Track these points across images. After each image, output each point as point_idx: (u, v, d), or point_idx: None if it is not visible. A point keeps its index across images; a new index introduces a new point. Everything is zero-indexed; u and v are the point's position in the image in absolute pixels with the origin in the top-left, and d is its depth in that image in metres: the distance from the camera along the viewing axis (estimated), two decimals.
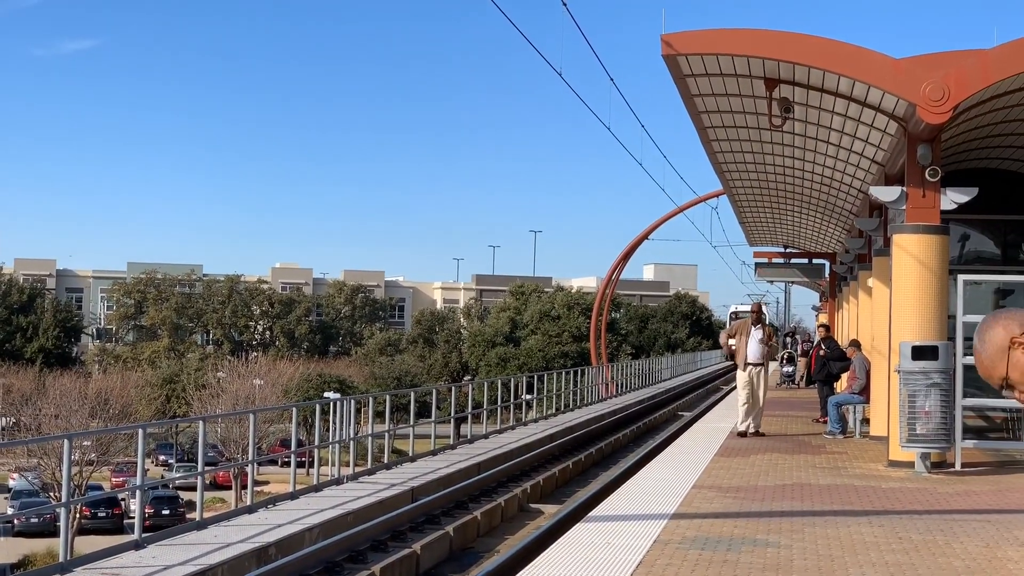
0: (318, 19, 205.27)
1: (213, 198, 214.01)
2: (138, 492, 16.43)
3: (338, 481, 22.20)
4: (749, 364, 23.92)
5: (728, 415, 31.00)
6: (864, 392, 24.94)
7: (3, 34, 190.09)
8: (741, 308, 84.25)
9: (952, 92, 17.32)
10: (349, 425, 24.75)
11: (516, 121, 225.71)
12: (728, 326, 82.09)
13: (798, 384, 43.94)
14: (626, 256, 76.78)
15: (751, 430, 23.97)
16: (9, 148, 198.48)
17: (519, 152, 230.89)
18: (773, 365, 43.38)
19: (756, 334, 23.98)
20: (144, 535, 15.65)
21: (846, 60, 17.98)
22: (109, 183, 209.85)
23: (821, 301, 64.96)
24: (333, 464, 24.32)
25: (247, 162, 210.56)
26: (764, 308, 25.68)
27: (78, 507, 55.72)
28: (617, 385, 58.39)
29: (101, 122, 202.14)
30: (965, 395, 18.83)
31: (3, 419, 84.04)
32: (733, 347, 24.34)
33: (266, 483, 68.84)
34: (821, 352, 28.11)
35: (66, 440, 14.97)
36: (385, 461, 25.19)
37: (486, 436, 32.28)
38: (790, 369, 48.08)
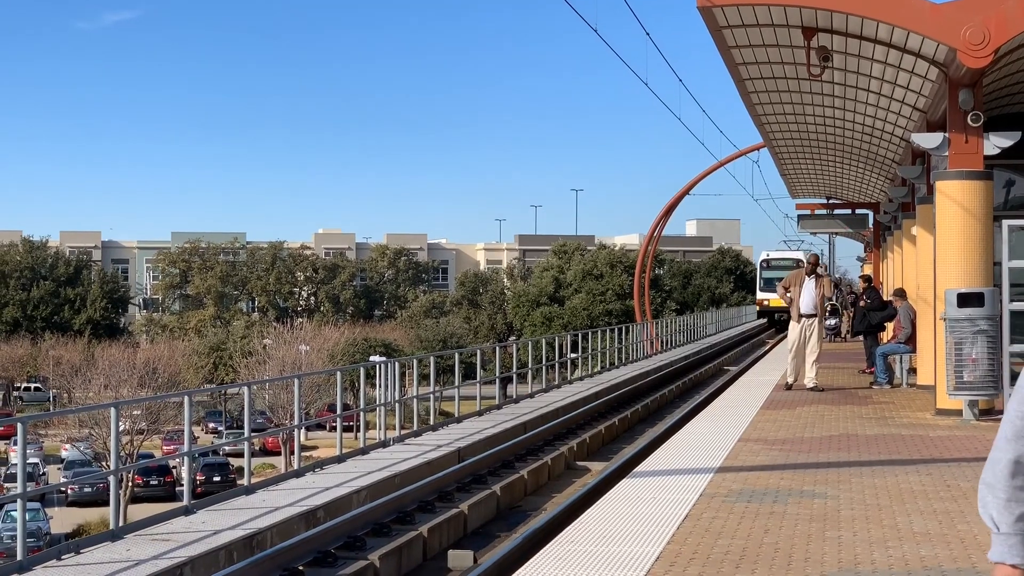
0: None
1: (254, 166, 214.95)
2: (186, 459, 16.54)
3: (384, 444, 22.28)
4: (803, 316, 23.48)
5: (773, 368, 30.91)
6: (910, 341, 24.77)
7: (47, 8, 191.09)
8: (774, 255, 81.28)
9: (993, 35, 17.09)
10: (394, 388, 24.81)
11: (553, 79, 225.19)
12: (759, 273, 79.52)
13: (844, 337, 43.52)
14: (668, 212, 76.53)
15: (808, 384, 23.50)
16: (52, 122, 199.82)
17: (558, 111, 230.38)
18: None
19: (809, 284, 23.49)
20: (194, 501, 15.76)
21: (884, 6, 17.77)
22: (152, 154, 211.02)
23: (866, 251, 64.49)
24: (379, 428, 24.42)
25: (287, 128, 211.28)
26: (816, 259, 25.12)
27: (129, 475, 56.28)
28: (662, 342, 58.29)
29: (142, 94, 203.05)
30: (1012, 342, 18.66)
31: (54, 390, 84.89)
32: (787, 298, 23.90)
33: (314, 448, 69.34)
34: (862, 303, 27.89)
35: (113, 408, 15.05)
36: (431, 423, 25.24)
37: (532, 396, 32.31)
38: (833, 322, 47.73)
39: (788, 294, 23.74)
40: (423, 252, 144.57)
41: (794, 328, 23.64)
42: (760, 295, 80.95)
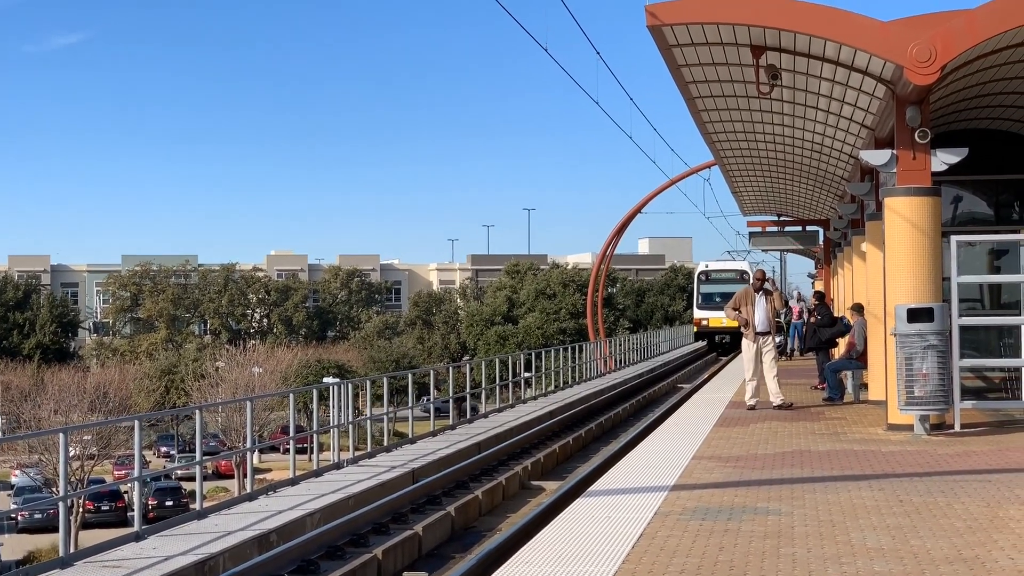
0: (301, 2, 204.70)
1: (206, 188, 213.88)
2: (136, 483, 16.37)
3: (338, 465, 22.17)
4: (757, 334, 23.03)
5: (727, 385, 31.00)
6: (862, 357, 24.88)
7: None
8: (714, 266, 71.92)
9: (939, 52, 17.23)
10: (348, 409, 24.70)
11: (505, 99, 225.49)
12: (696, 288, 70.37)
13: (789, 356, 43.11)
14: (620, 230, 76.69)
15: (776, 401, 22.94)
16: (0, 145, 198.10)
17: (509, 130, 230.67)
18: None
19: (760, 301, 23.06)
20: (145, 526, 15.60)
21: (831, 24, 17.89)
22: (101, 176, 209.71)
23: (817, 268, 64.92)
24: (333, 449, 24.29)
25: (238, 150, 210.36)
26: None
27: (80, 501, 55.69)
28: (615, 360, 58.39)
29: (90, 115, 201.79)
30: (962, 356, 18.80)
31: (2, 417, 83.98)
32: (741, 318, 23.18)
33: (268, 470, 68.90)
34: (812, 319, 27.98)
35: (62, 434, 14.90)
36: (385, 444, 25.16)
37: (486, 415, 32.25)
38: (778, 339, 47.55)
39: (740, 314, 23.21)
40: (376, 273, 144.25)
41: (749, 348, 23.23)
42: (698, 313, 70.83)
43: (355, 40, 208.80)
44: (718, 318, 66.77)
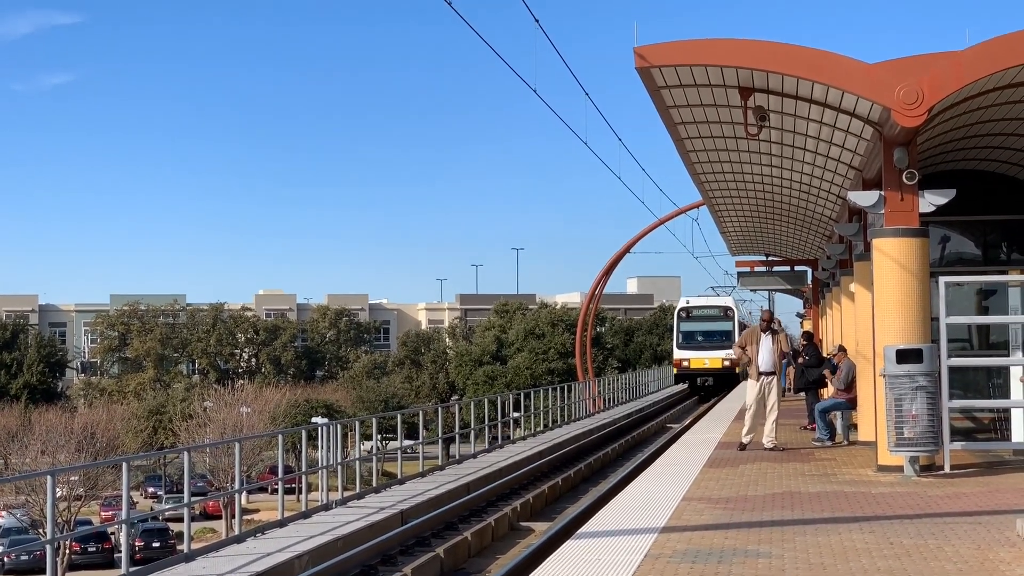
0: (291, 42, 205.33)
1: (194, 228, 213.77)
2: (124, 525, 16.29)
3: (327, 507, 22.08)
4: (762, 374, 22.91)
5: (716, 426, 30.96)
6: (851, 396, 24.87)
7: None
8: (695, 302, 67.56)
9: (926, 95, 17.33)
10: (336, 450, 24.62)
11: (493, 139, 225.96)
12: (676, 326, 65.92)
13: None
14: (608, 270, 76.77)
15: (767, 444, 22.91)
16: None
17: (498, 170, 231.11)
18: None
19: (766, 341, 22.99)
20: (133, 568, 15.53)
21: (819, 66, 18.00)
22: (89, 216, 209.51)
23: (805, 308, 64.99)
24: (322, 490, 24.18)
25: (226, 190, 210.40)
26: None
27: (66, 543, 55.37)
28: (604, 400, 58.30)
29: (79, 154, 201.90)
30: (951, 397, 18.81)
31: None
32: (747, 357, 23.05)
33: (256, 511, 68.56)
34: (800, 360, 27.98)
35: (49, 477, 14.82)
36: (374, 484, 25.07)
37: (475, 456, 32.15)
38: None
39: (744, 353, 23.11)
40: (364, 312, 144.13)
41: (753, 387, 23.05)
42: (678, 353, 66.23)
43: (343, 80, 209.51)
44: (700, 359, 64.93)
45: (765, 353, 22.95)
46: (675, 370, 68.42)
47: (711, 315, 66.29)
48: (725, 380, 64.01)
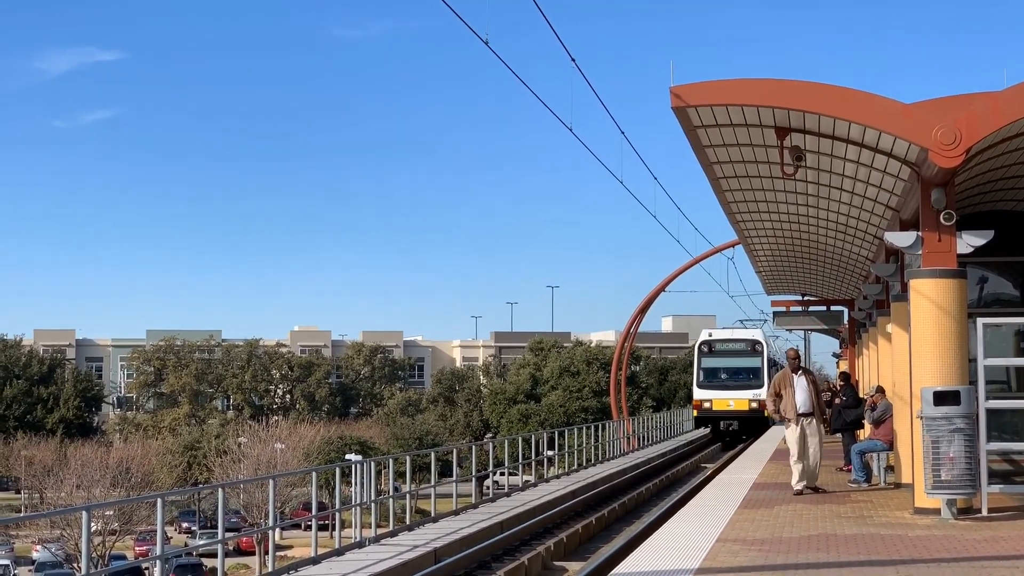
0: (330, 82, 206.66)
1: (230, 263, 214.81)
2: (159, 562, 16.32)
3: (360, 544, 22.05)
4: (800, 416, 22.53)
5: (751, 466, 30.79)
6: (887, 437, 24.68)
7: (26, 107, 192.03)
8: (719, 335, 61.03)
9: (964, 135, 17.26)
10: (370, 487, 24.62)
11: (529, 176, 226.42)
12: (697, 362, 58.78)
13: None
14: (643, 309, 76.60)
15: (807, 487, 22.57)
16: (26, 221, 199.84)
17: (533, 208, 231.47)
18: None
19: (800, 382, 22.69)
20: None
21: (856, 106, 17.96)
22: (126, 252, 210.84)
23: (841, 348, 64.66)
24: (355, 527, 24.17)
25: (263, 226, 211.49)
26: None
27: None
28: (639, 438, 58.06)
29: (118, 192, 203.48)
30: (989, 439, 18.63)
31: (26, 491, 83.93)
32: (778, 403, 22.59)
33: (289, 547, 68.57)
34: (837, 400, 27.80)
35: (84, 512, 14.86)
36: (407, 522, 25.03)
37: (508, 494, 32.08)
38: None
39: (778, 400, 22.63)
40: (399, 349, 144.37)
41: (793, 431, 22.60)
42: (698, 393, 59.88)
43: (379, 117, 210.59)
44: (724, 399, 58.20)
45: (801, 393, 22.66)
46: (695, 412, 61.43)
47: (737, 350, 59.60)
48: (752, 424, 58.11)
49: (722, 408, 58.21)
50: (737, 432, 58.55)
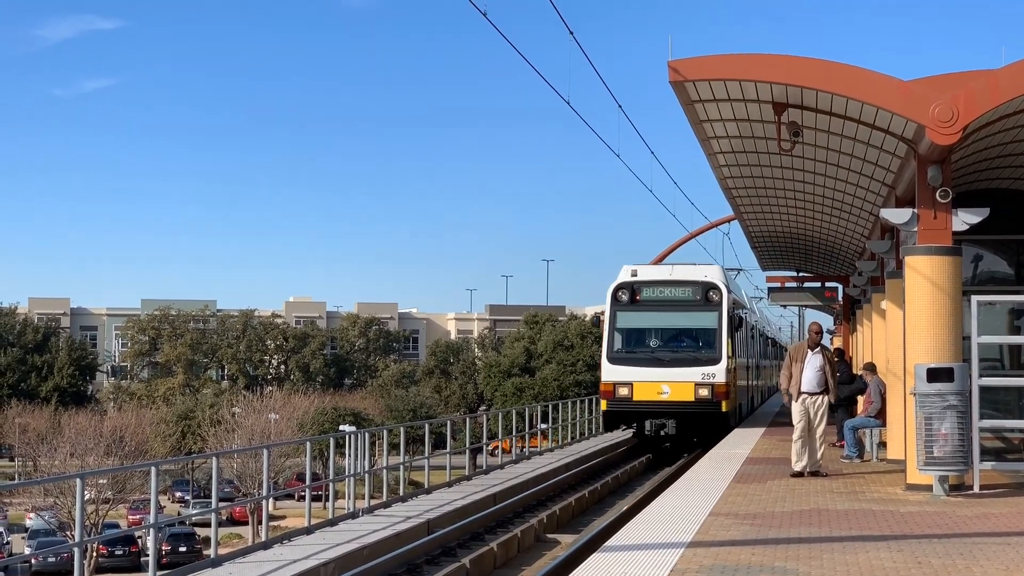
0: (326, 51, 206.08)
1: (226, 233, 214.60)
2: (152, 530, 16.35)
3: (354, 515, 22.11)
4: (804, 393, 21.55)
5: (744, 441, 30.86)
6: (880, 415, 24.80)
7: (26, 74, 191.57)
8: (645, 273, 36.31)
9: (961, 113, 17.26)
10: (364, 458, 24.66)
11: (526, 150, 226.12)
12: (609, 317, 35.56)
13: None
14: None
15: (808, 470, 21.42)
16: (21, 189, 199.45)
17: (529, 181, 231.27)
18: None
19: (814, 360, 21.63)
20: (160, 573, 15.59)
21: (854, 83, 17.95)
22: (121, 221, 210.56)
23: (835, 324, 64.70)
24: (348, 497, 24.22)
25: (259, 196, 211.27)
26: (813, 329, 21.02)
27: (94, 546, 55.60)
28: None
29: (113, 159, 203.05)
30: (982, 416, 18.70)
31: (20, 459, 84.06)
32: (785, 382, 21.62)
33: (283, 517, 68.76)
34: None
35: (79, 480, 14.89)
36: (401, 493, 25.09)
37: (502, 467, 32.15)
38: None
39: (788, 376, 21.51)
40: (394, 321, 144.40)
41: (797, 409, 21.58)
42: (609, 372, 35.10)
43: (376, 90, 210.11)
44: (652, 382, 34.67)
45: (811, 372, 21.62)
46: (604, 404, 35.67)
47: (677, 298, 35.49)
48: (701, 425, 34.97)
49: (647, 398, 34.70)
50: (674, 437, 35.76)
